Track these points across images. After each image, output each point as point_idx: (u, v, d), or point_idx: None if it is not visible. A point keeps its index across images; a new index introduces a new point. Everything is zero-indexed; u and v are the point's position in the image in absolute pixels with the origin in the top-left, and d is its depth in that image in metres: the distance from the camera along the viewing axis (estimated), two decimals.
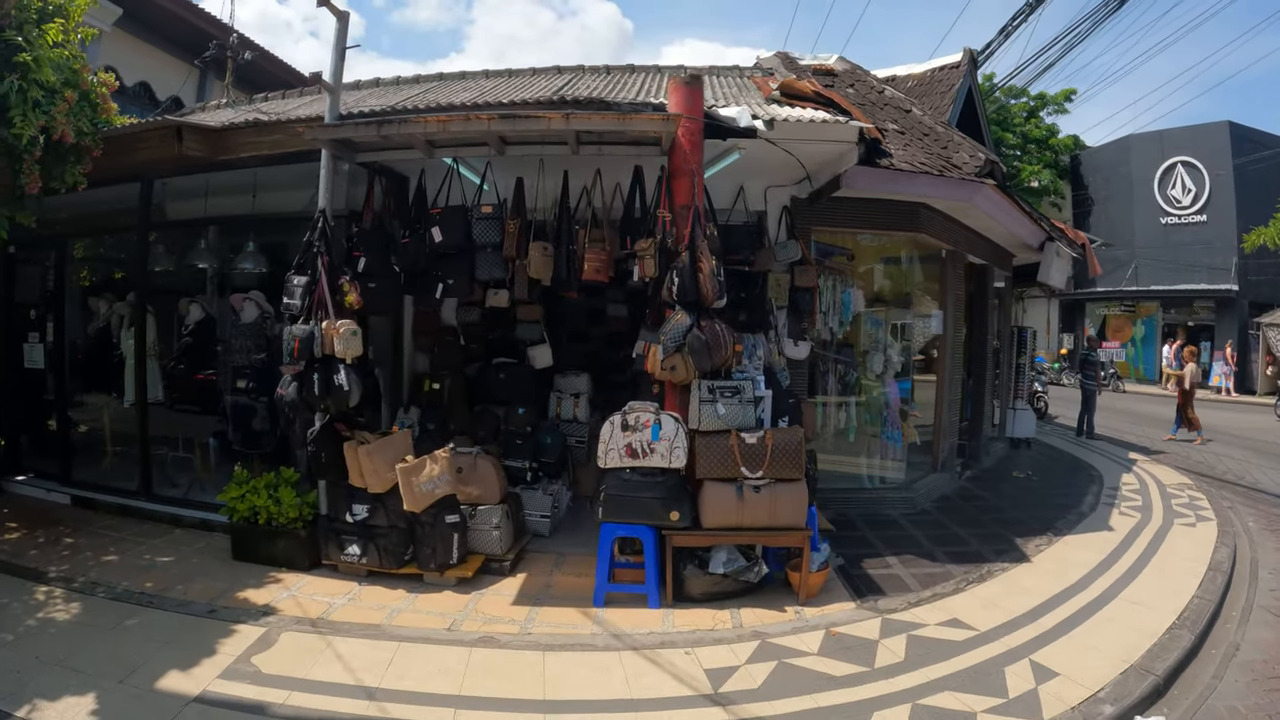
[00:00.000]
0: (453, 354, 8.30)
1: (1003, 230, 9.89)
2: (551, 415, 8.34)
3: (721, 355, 5.88)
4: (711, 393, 5.91)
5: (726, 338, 5.95)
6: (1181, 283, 26.74)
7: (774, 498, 5.83)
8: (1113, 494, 9.84)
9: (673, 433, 5.75)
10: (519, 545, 6.86)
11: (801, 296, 7.68)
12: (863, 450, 9.14)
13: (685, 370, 5.84)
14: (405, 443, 6.55)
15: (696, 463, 5.85)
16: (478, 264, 6.83)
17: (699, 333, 5.77)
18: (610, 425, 5.88)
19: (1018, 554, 7.28)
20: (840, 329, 8.44)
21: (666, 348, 5.84)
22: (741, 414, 5.93)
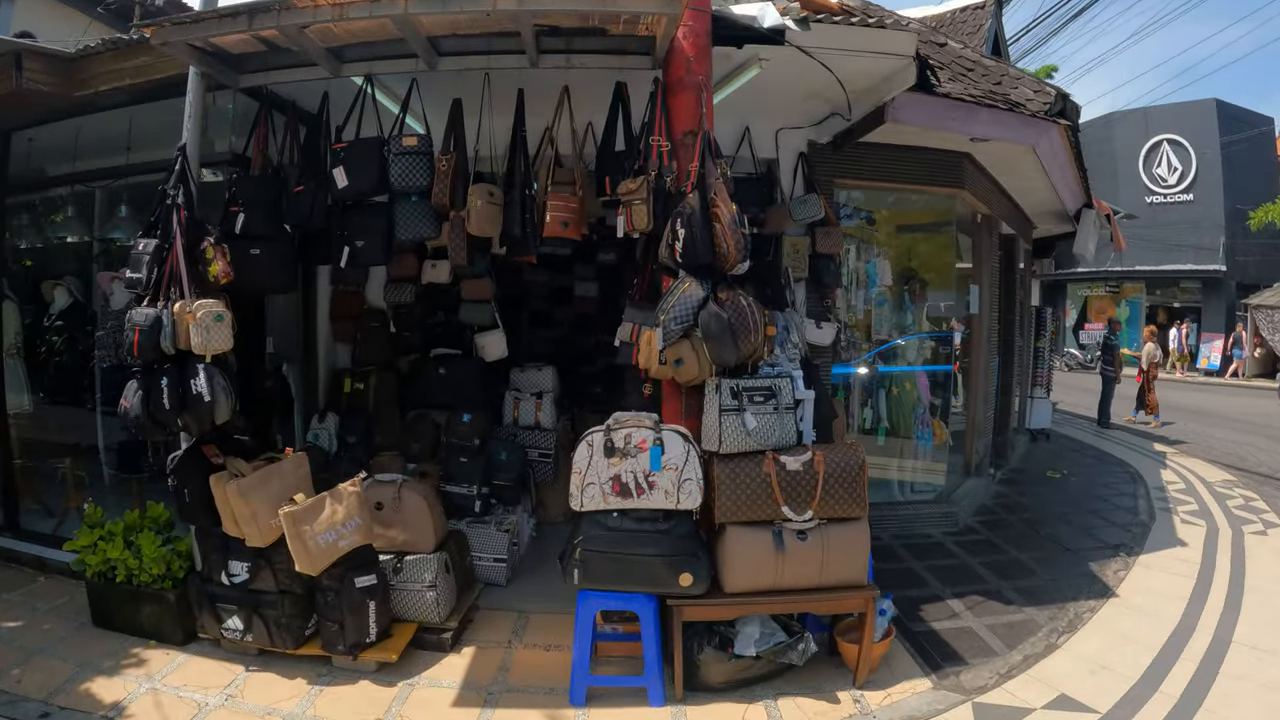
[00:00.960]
0: (380, 344, 6.12)
1: (1043, 192, 8.01)
2: (507, 421, 6.16)
3: (750, 341, 3.79)
4: (736, 397, 3.81)
5: (756, 316, 3.85)
6: (1167, 263, 24.98)
7: (826, 545, 3.81)
8: (1162, 496, 8.12)
9: (681, 458, 3.72)
10: (466, 604, 4.76)
11: (824, 265, 5.66)
12: (894, 455, 7.16)
13: (697, 364, 3.81)
14: (296, 472, 4.37)
15: (715, 500, 3.82)
16: (398, 218, 4.64)
17: (717, 308, 3.73)
18: (587, 448, 3.81)
19: (1099, 586, 5.49)
20: (866, 306, 6.67)
21: (669, 331, 3.80)
22: (779, 426, 3.86)
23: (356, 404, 6.04)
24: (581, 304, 8.41)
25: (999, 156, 6.62)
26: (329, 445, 5.89)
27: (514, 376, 6.36)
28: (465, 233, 4.61)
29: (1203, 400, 17.87)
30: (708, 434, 3.88)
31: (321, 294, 6.25)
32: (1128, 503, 7.81)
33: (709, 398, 3.89)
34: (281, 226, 4.81)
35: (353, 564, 4.21)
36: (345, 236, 4.84)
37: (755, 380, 3.91)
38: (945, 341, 7.46)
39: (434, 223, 4.73)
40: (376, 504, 4.65)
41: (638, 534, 3.76)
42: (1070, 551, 6.26)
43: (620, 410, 3.98)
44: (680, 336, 3.82)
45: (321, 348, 6.30)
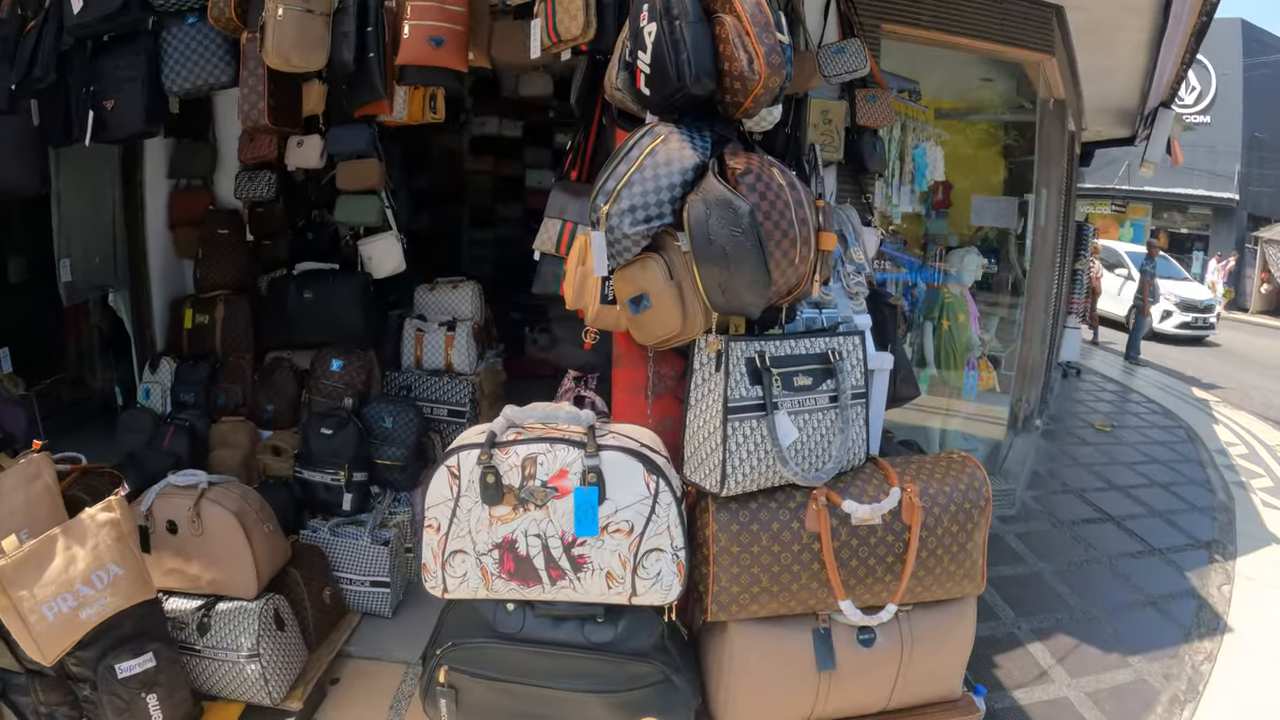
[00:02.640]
0: (230, 259, 3.84)
1: (1125, 77, 5.53)
2: (407, 364, 3.87)
3: (792, 262, 1.62)
4: (759, 378, 1.65)
5: (806, 207, 1.65)
6: (1178, 186, 21.37)
7: (908, 651, 1.80)
8: (1229, 465, 6.06)
9: (640, 509, 1.63)
10: (324, 659, 2.85)
11: (866, 144, 3.38)
12: (939, 407, 4.97)
13: (678, 308, 1.66)
14: (27, 488, 2.32)
15: (711, 577, 1.76)
16: (166, 57, 2.56)
17: (724, 189, 1.56)
18: (450, 480, 1.68)
19: (1208, 614, 3.61)
20: (911, 205, 4.28)
21: (621, 237, 1.65)
22: (839, 434, 1.77)
23: (199, 345, 3.89)
24: (534, 198, 6.03)
25: (1099, 17, 4.37)
26: (161, 406, 3.83)
27: (418, 298, 4.03)
28: (265, 68, 2.44)
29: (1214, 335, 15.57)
30: (698, 453, 1.74)
31: (153, 192, 3.96)
32: (1196, 473, 5.78)
33: (702, 378, 1.72)
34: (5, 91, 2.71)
35: (116, 639, 2.27)
36: (90, 95, 2.71)
37: (796, 341, 1.74)
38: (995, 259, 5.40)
39: (226, 57, 2.56)
40: (169, 524, 2.66)
41: (554, 649, 1.70)
42: (1159, 553, 4.26)
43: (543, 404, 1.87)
44: (644, 249, 1.70)
45: (156, 268, 3.98)
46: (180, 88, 2.61)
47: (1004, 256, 5.57)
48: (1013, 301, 5.65)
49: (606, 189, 1.63)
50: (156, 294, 4.02)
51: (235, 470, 3.48)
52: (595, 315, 1.83)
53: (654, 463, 1.60)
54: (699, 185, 1.58)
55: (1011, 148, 5.80)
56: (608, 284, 1.73)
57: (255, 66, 2.47)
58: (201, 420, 3.56)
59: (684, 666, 1.74)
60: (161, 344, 4.01)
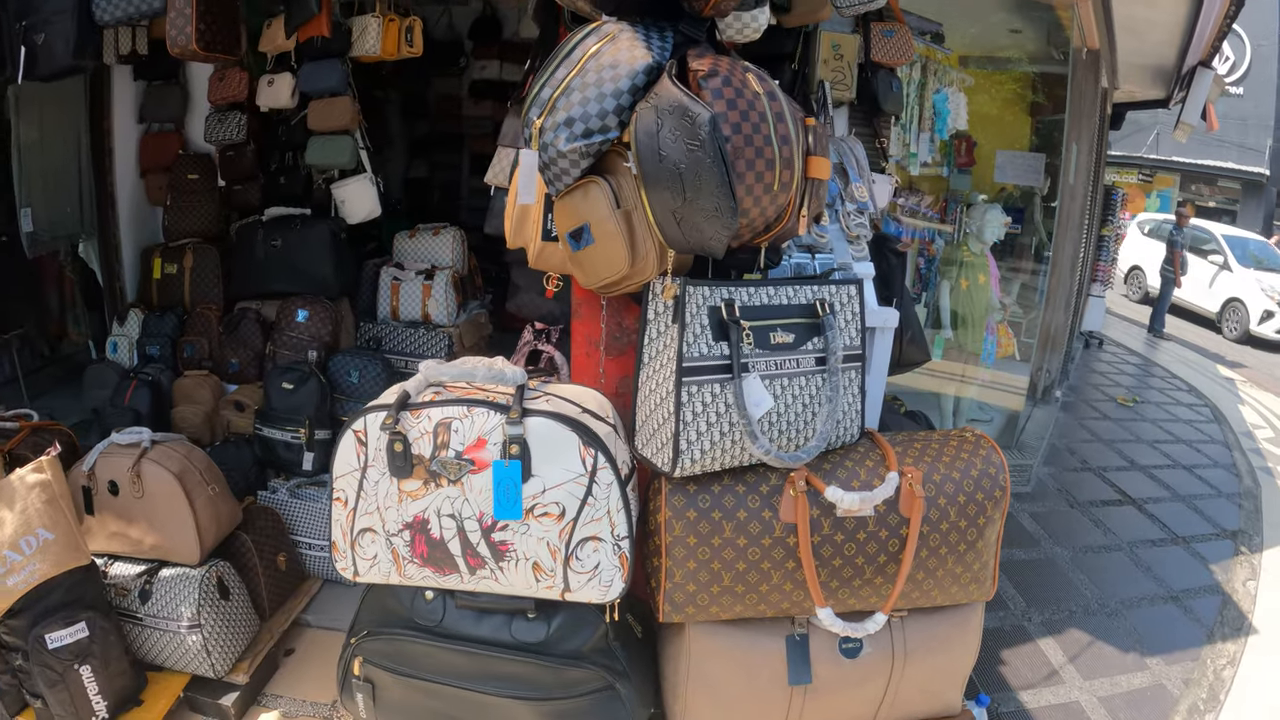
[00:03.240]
0: (199, 205, 3.49)
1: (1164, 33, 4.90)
2: (383, 315, 3.48)
3: (769, 188, 1.22)
4: (724, 332, 1.28)
5: (789, 123, 1.25)
6: (1208, 158, 19.97)
7: (901, 662, 1.44)
8: (1255, 449, 5.57)
9: (573, 489, 1.28)
10: (276, 629, 2.56)
11: (883, 84, 2.95)
12: (954, 373, 4.54)
13: (623, 244, 1.28)
14: None
15: (664, 570, 1.40)
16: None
17: (682, 95, 1.17)
18: (356, 446, 1.36)
19: (1232, 612, 3.24)
20: (931, 155, 3.84)
21: (557, 157, 1.27)
22: (823, 407, 1.38)
23: (169, 295, 3.59)
24: None
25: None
26: (129, 360, 3.55)
27: (397, 245, 3.64)
28: None
29: None
30: (649, 423, 1.38)
31: (122, 137, 3.61)
32: (1222, 455, 5.36)
33: (656, 330, 1.35)
34: None
35: (46, 608, 2.03)
36: (23, 30, 2.41)
37: (776, 289, 1.38)
38: (1018, 219, 4.93)
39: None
40: (110, 485, 2.41)
41: (477, 646, 1.39)
42: (1181, 542, 3.86)
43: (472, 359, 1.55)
44: (587, 172, 1.33)
45: (125, 216, 3.64)
46: (111, 16, 2.34)
47: (1028, 218, 5.12)
48: (1035, 267, 5.20)
49: (541, 98, 1.26)
50: (126, 243, 3.71)
51: (198, 427, 3.21)
52: (538, 254, 1.47)
53: (592, 433, 1.26)
54: (651, 90, 1.21)
55: (1040, 105, 5.31)
56: (550, 216, 1.38)
57: None
58: (166, 374, 3.28)
59: (633, 672, 1.42)
60: (132, 295, 3.73)
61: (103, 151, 3.63)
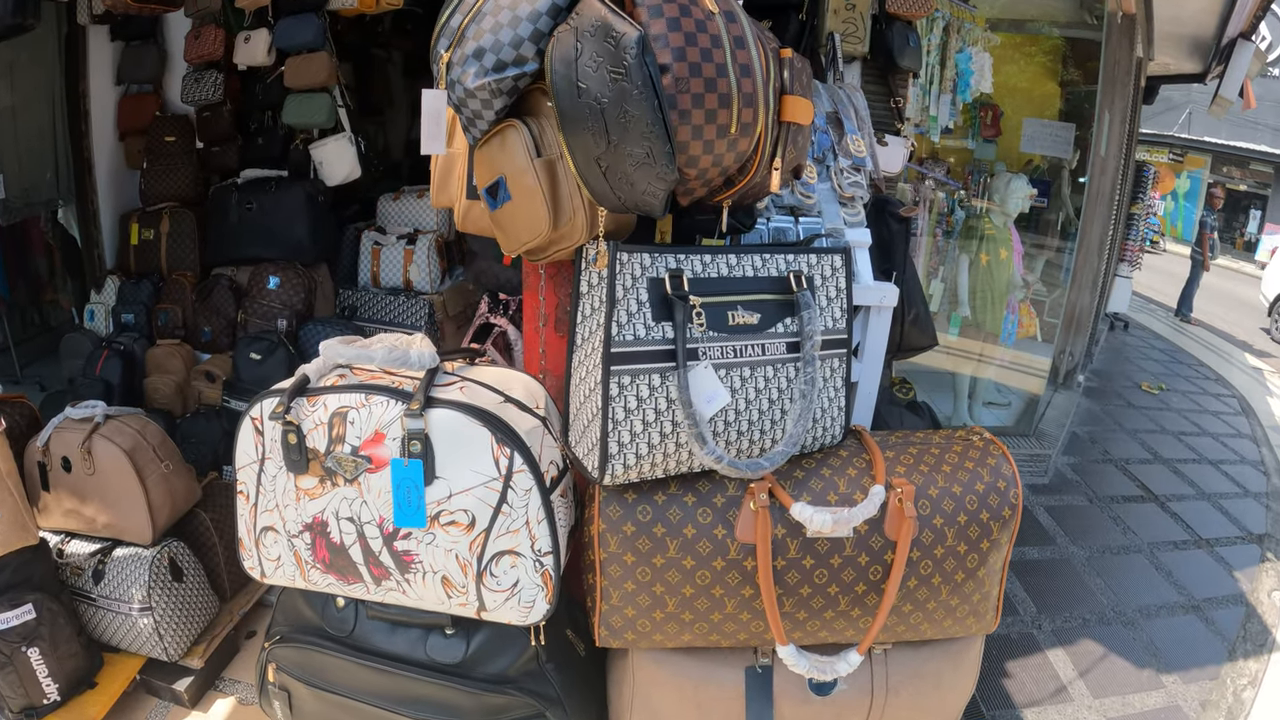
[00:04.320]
0: (176, 168, 3.28)
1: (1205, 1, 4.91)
2: (364, 281, 3.27)
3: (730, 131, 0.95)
4: (668, 310, 1.02)
5: (753, 45, 0.97)
6: (1241, 139, 18.89)
7: (887, 702, 1.18)
8: None
9: (484, 502, 1.05)
10: (236, 610, 2.53)
11: (898, 37, 2.60)
12: (971, 351, 4.19)
13: (545, 201, 1.03)
14: None
15: (600, 592, 1.17)
16: None
17: (604, 8, 0.91)
18: (254, 435, 1.13)
19: (1256, 625, 2.94)
20: (952, 119, 3.40)
21: (467, 96, 1.01)
22: (794, 404, 1.12)
23: (146, 261, 3.39)
24: None
25: None
26: (105, 328, 3.38)
27: (381, 208, 3.39)
28: None
29: None
30: (579, 418, 1.11)
31: (98, 99, 3.43)
32: (1250, 451, 5.01)
33: (590, 307, 1.08)
34: None
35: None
36: None
37: (738, 259, 1.09)
38: (1044, 193, 4.58)
39: None
40: (63, 461, 2.26)
41: (390, 664, 1.18)
42: (1205, 545, 3.52)
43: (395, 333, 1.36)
44: (502, 114, 1.05)
45: (103, 181, 3.49)
46: None
47: (1055, 192, 4.76)
48: (1061, 245, 4.84)
49: (450, 27, 1.00)
50: (105, 209, 3.54)
51: (170, 398, 3.04)
52: (464, 214, 1.23)
53: (508, 428, 1.02)
54: (574, 10, 0.95)
55: (1070, 77, 4.93)
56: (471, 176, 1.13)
57: None
58: (139, 343, 3.11)
59: (569, 697, 1.20)
60: (111, 261, 3.56)
61: (79, 114, 3.46)
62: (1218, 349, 8.00)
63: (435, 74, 1.04)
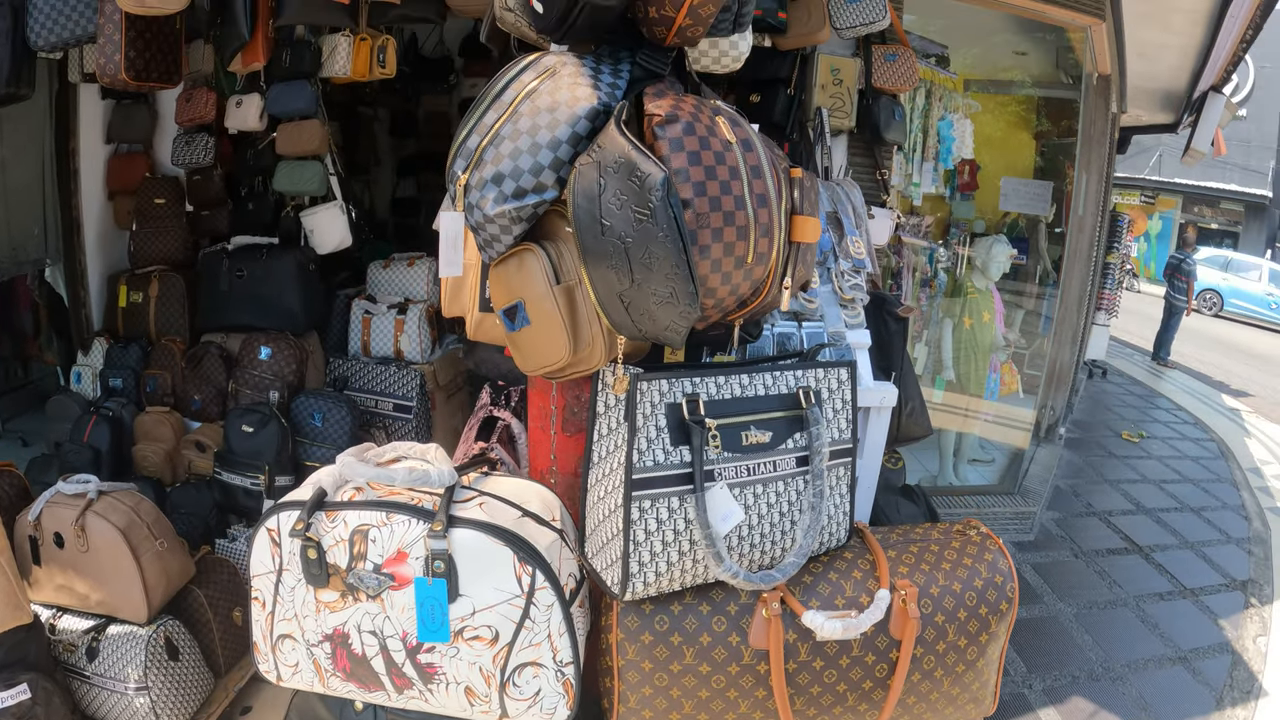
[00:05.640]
0: (168, 233, 3.27)
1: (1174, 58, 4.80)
2: (354, 350, 3.27)
3: (747, 260, 1.02)
4: (685, 434, 1.08)
5: (768, 177, 1.05)
6: (1211, 179, 19.68)
7: None
8: (1264, 488, 5.32)
9: (507, 612, 1.08)
10: (233, 685, 2.49)
11: (884, 111, 2.78)
12: (956, 407, 4.28)
13: (564, 329, 1.09)
14: None
15: (618, 697, 1.21)
16: (31, 7, 2.08)
17: (629, 146, 0.96)
18: (270, 547, 1.16)
19: (1243, 672, 3.06)
20: (934, 185, 3.60)
21: (485, 221, 1.07)
22: (804, 515, 1.17)
23: (134, 325, 3.39)
24: None
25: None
26: (92, 392, 3.36)
27: (371, 276, 3.40)
28: (122, 12, 1.93)
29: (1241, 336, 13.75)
30: (599, 534, 1.16)
31: (88, 157, 3.40)
32: (1230, 495, 5.15)
33: (607, 427, 1.14)
34: None
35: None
36: None
37: (750, 378, 1.14)
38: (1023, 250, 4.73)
39: (94, 3, 2.09)
40: (55, 537, 2.26)
41: None
42: (1190, 594, 3.65)
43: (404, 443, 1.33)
44: (520, 237, 1.11)
45: (91, 241, 3.46)
46: (46, 41, 2.16)
47: (1032, 246, 4.93)
48: (1040, 291, 5.01)
49: (466, 148, 1.07)
50: (92, 269, 3.52)
51: (159, 466, 3.03)
52: (476, 325, 1.28)
53: (529, 547, 1.06)
54: (594, 141, 1.01)
55: (1045, 129, 5.14)
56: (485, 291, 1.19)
57: (111, 11, 2.01)
58: (128, 409, 3.10)
59: None
60: (99, 323, 3.55)
61: (68, 173, 3.45)
62: (1195, 391, 8.20)
63: (451, 194, 1.10)
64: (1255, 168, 19.03)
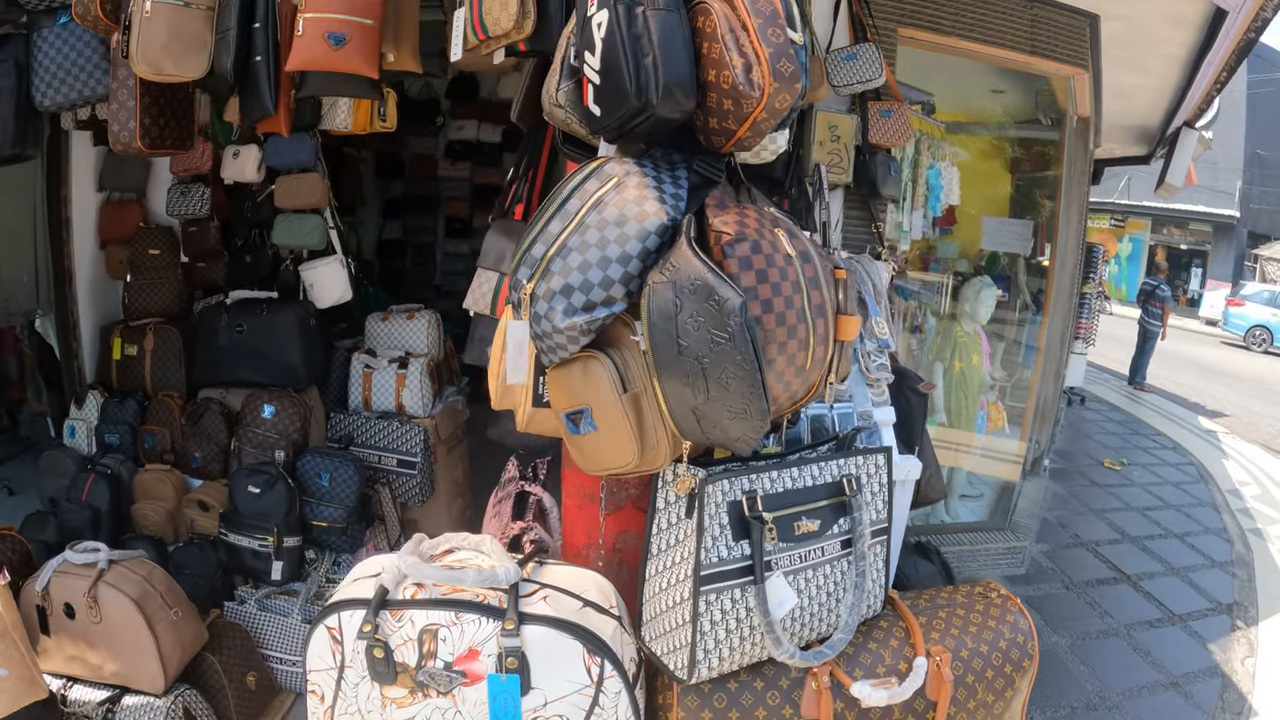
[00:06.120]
0: (161, 283, 3.30)
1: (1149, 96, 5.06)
2: (355, 405, 3.28)
3: (805, 367, 1.12)
4: (746, 529, 1.16)
5: (824, 282, 1.15)
6: (1179, 202, 19.85)
7: None
8: (1244, 509, 5.76)
9: (578, 707, 1.14)
10: None
11: (880, 166, 2.87)
12: (947, 442, 4.30)
13: (631, 435, 1.14)
14: None
15: None
16: (37, 66, 2.06)
17: (704, 266, 1.03)
18: (331, 645, 1.21)
19: (1231, 692, 3.20)
20: (924, 232, 3.78)
21: (553, 331, 1.11)
22: (849, 594, 1.27)
23: (129, 378, 3.36)
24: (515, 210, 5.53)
25: (1137, 28, 3.90)
26: (87, 446, 3.26)
27: (370, 328, 3.43)
28: (137, 78, 1.95)
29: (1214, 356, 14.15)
30: (659, 621, 1.24)
31: (80, 205, 3.40)
32: (1211, 519, 5.39)
33: (667, 521, 1.23)
34: None
35: None
36: None
37: (800, 471, 1.24)
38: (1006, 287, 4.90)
39: (103, 64, 2.11)
40: (65, 607, 2.26)
41: None
42: (1178, 620, 3.80)
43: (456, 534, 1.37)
44: (584, 345, 1.16)
45: (83, 290, 3.46)
46: (53, 101, 2.15)
47: (1013, 281, 5.12)
48: (1020, 320, 5.18)
49: (532, 256, 1.13)
50: (85, 320, 3.51)
51: (160, 525, 3.02)
52: (528, 419, 1.34)
53: (598, 640, 1.13)
54: (667, 257, 1.08)
55: (1019, 161, 5.33)
56: (543, 380, 1.26)
57: (125, 76, 2.00)
58: (126, 466, 3.10)
59: None
60: (92, 375, 3.53)
61: (60, 221, 3.44)
62: (1172, 414, 8.47)
63: (515, 301, 1.16)
64: (1222, 188, 19.78)
